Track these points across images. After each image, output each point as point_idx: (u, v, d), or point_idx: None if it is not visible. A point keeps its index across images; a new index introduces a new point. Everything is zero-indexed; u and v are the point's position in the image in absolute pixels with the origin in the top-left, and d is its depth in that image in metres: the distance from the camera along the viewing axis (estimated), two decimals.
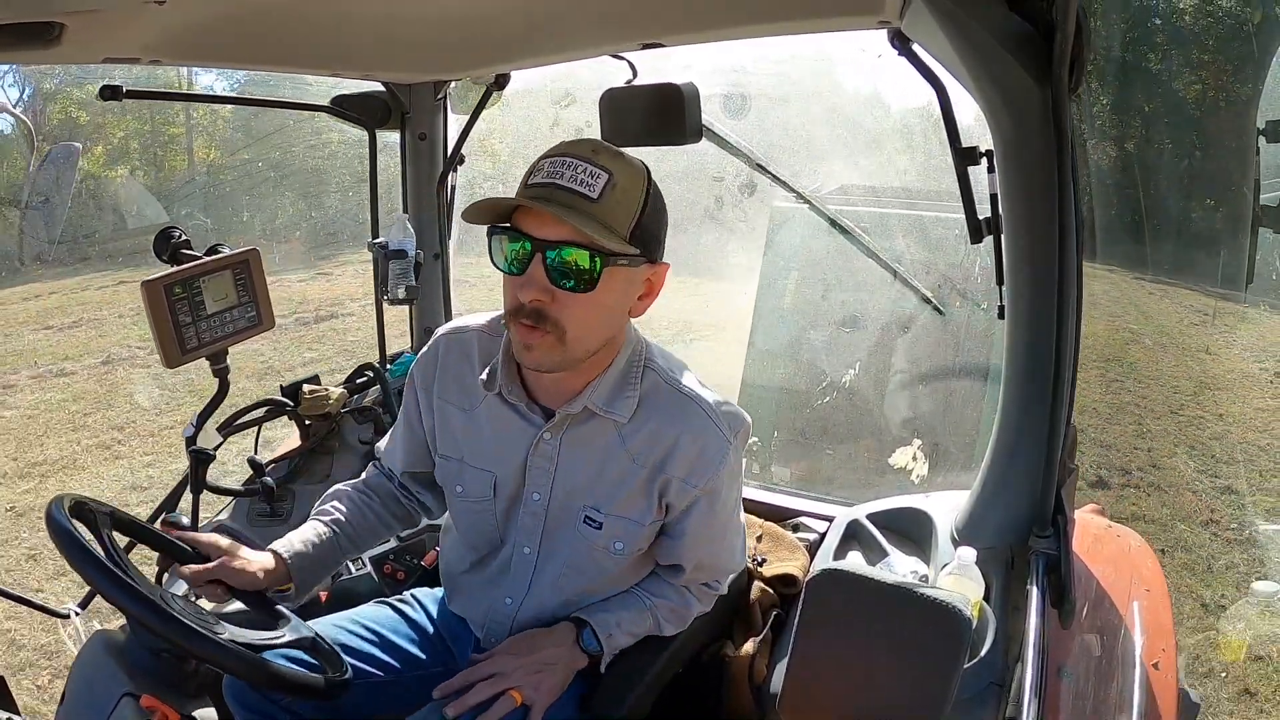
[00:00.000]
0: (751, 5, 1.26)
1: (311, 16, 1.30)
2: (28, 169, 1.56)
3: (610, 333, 1.08)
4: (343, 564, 1.32)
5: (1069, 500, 1.19)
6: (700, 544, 1.20)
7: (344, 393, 1.93)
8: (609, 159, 1.01)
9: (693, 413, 1.12)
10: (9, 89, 9.07)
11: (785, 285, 3.11)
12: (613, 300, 1.04)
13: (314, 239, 9.53)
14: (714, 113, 1.94)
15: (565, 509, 1.18)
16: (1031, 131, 1.04)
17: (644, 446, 1.13)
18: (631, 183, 1.01)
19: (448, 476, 1.25)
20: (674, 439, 1.12)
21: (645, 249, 1.04)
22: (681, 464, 1.12)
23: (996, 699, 1.16)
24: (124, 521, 1.11)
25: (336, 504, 1.31)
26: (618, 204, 0.99)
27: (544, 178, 0.99)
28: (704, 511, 1.16)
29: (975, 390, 2.74)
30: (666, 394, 1.13)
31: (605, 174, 0.99)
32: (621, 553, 1.18)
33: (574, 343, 1.03)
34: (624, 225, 1.00)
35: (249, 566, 1.16)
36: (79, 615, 1.73)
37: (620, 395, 1.12)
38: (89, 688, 1.00)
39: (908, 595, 1.04)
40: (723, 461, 1.13)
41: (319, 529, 1.27)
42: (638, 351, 1.15)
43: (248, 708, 1.20)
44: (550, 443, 1.15)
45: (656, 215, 1.05)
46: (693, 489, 1.13)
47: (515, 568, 1.24)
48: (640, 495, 1.15)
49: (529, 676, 1.13)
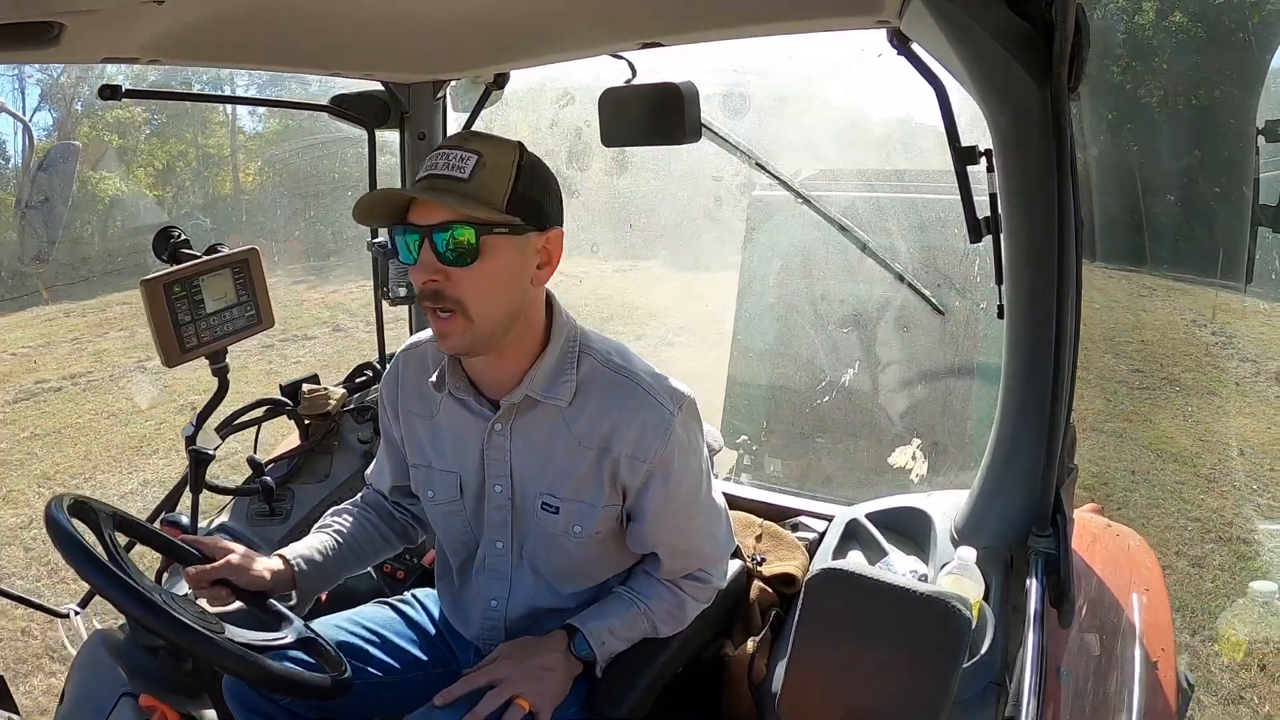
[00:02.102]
0: (751, 5, 1.26)
1: (311, 16, 1.30)
2: (26, 168, 1.57)
3: (513, 304, 1.10)
4: (344, 577, 1.34)
5: (1068, 500, 1.19)
6: (666, 525, 1.20)
7: (344, 392, 1.93)
8: (479, 142, 1.07)
9: (629, 390, 1.15)
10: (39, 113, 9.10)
11: (767, 279, 3.10)
12: (504, 270, 1.07)
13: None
14: (713, 112, 1.94)
15: (525, 497, 1.21)
16: (1031, 131, 1.04)
17: (587, 429, 1.16)
18: (501, 157, 1.06)
19: (419, 484, 1.29)
20: (615, 419, 1.14)
21: (527, 216, 1.07)
22: (626, 441, 1.14)
23: (996, 698, 1.16)
24: (127, 522, 1.12)
25: (340, 519, 1.35)
26: (489, 178, 1.05)
27: (424, 171, 1.07)
28: (660, 488, 1.17)
29: (975, 389, 2.74)
30: (603, 375, 1.16)
31: (474, 155, 1.05)
32: (581, 536, 1.19)
33: (479, 318, 1.07)
34: (497, 196, 1.05)
35: (254, 569, 1.18)
36: (79, 615, 1.72)
37: (558, 380, 1.16)
38: (89, 687, 1.00)
39: (907, 595, 1.04)
40: (668, 434, 1.14)
41: (325, 540, 1.30)
42: (572, 337, 1.18)
43: (247, 707, 1.20)
44: (501, 433, 1.19)
45: (535, 184, 1.09)
46: (642, 464, 1.15)
47: (492, 566, 1.26)
48: (590, 477, 1.17)
49: (532, 682, 1.14)
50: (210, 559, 1.17)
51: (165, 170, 11.21)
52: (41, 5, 0.94)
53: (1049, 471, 1.13)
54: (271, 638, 1.07)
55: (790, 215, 2.86)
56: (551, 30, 1.48)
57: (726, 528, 1.30)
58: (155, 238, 1.60)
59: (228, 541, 1.21)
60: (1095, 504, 1.70)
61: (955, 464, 2.71)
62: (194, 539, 1.20)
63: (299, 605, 1.23)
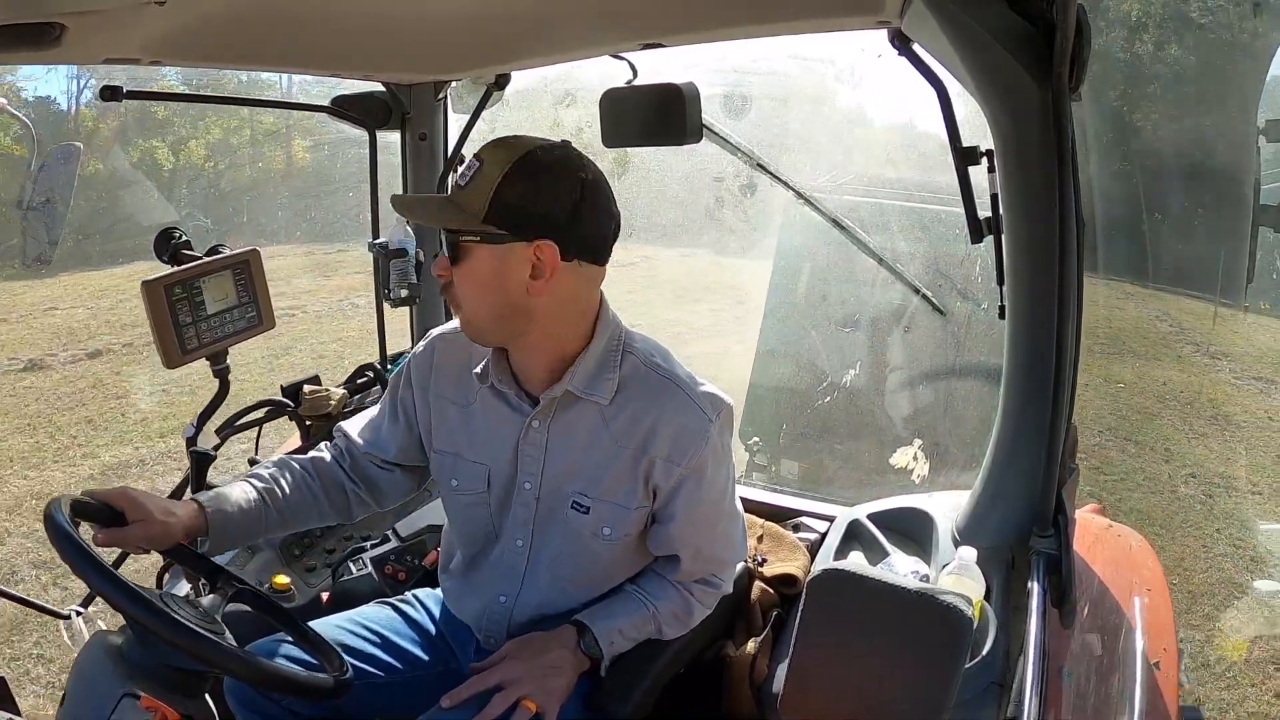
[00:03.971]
0: (751, 5, 1.26)
1: (312, 17, 1.30)
2: (28, 168, 1.56)
3: (500, 308, 1.10)
4: (260, 539, 1.31)
5: (1069, 500, 1.19)
6: (692, 529, 1.20)
7: (344, 393, 1.93)
8: (489, 149, 1.09)
9: (671, 393, 1.15)
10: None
11: (796, 284, 3.11)
12: (485, 275, 1.09)
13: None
14: (714, 113, 1.94)
15: (554, 495, 1.20)
16: (1031, 131, 1.04)
17: (626, 428, 1.15)
18: (493, 165, 1.07)
19: (443, 471, 1.27)
20: (654, 419, 1.14)
21: (510, 226, 1.06)
22: (663, 444, 1.14)
23: (997, 699, 1.16)
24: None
25: (279, 475, 1.27)
26: (476, 187, 1.07)
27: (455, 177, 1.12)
28: (691, 492, 1.17)
29: (976, 389, 2.74)
30: (645, 376, 1.16)
31: (477, 162, 1.08)
32: (610, 538, 1.19)
33: (469, 314, 1.13)
34: (477, 206, 1.06)
35: (164, 522, 1.12)
36: (79, 616, 1.72)
37: (600, 378, 1.15)
38: (89, 688, 1.00)
39: (908, 595, 1.04)
40: (705, 440, 1.14)
41: (251, 495, 1.23)
42: (616, 335, 1.18)
43: (248, 708, 1.20)
44: (539, 429, 1.18)
45: (525, 193, 1.06)
46: (677, 468, 1.15)
47: (508, 562, 1.25)
48: (626, 478, 1.16)
49: (538, 682, 1.13)
50: (122, 514, 1.11)
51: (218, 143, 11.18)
52: (42, 6, 0.94)
53: (1050, 471, 1.13)
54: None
55: (821, 222, 2.85)
56: (552, 31, 1.48)
57: (742, 535, 1.31)
58: (156, 238, 1.60)
59: (133, 493, 1.13)
60: (1096, 504, 1.70)
61: (956, 464, 2.71)
62: (101, 493, 1.12)
63: (208, 554, 1.19)
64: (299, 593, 1.58)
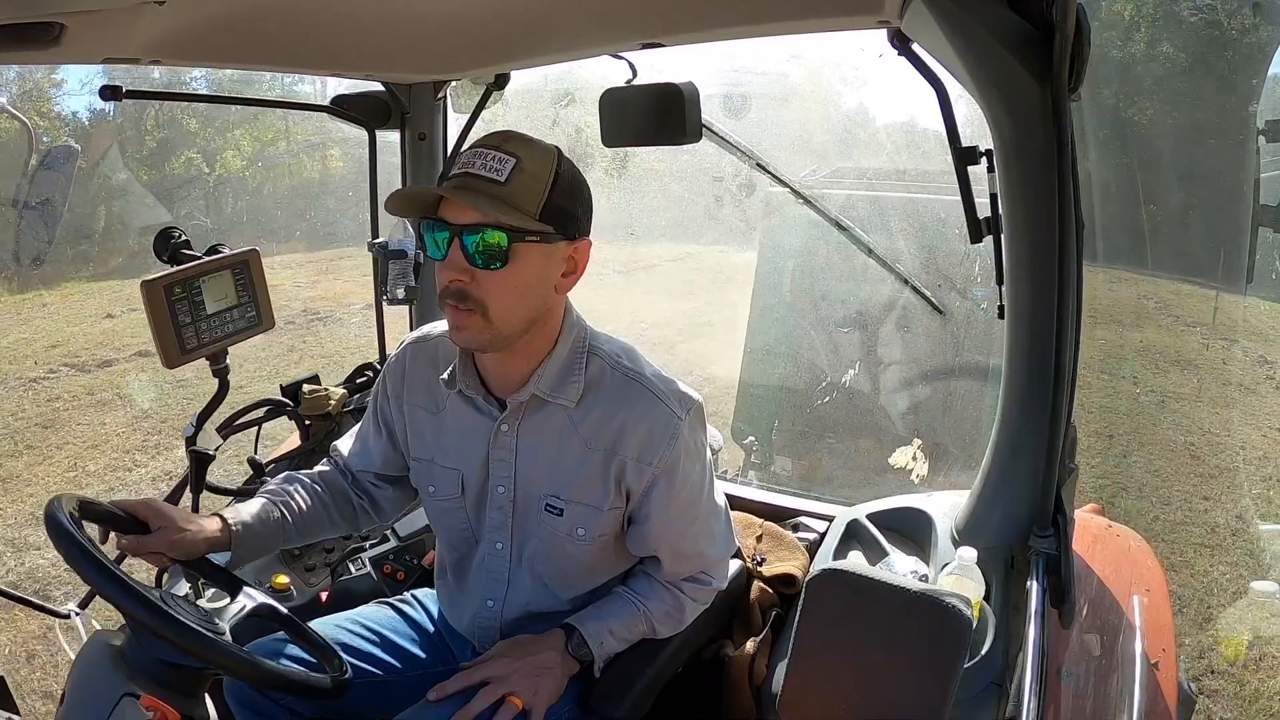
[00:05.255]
0: (751, 5, 1.26)
1: (311, 16, 1.30)
2: (26, 169, 1.56)
3: (536, 310, 1.10)
4: (279, 550, 1.32)
5: (1069, 500, 1.19)
6: (669, 529, 1.20)
7: (344, 393, 1.93)
8: (517, 145, 1.06)
9: (638, 393, 1.15)
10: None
11: (781, 280, 3.10)
12: (531, 276, 1.07)
13: None
14: (714, 112, 1.94)
15: (528, 499, 1.20)
16: (1031, 131, 1.04)
17: (595, 430, 1.15)
18: (539, 165, 1.05)
19: (420, 477, 1.28)
20: (623, 420, 1.14)
21: (559, 226, 1.07)
22: (633, 444, 1.14)
23: (996, 699, 1.16)
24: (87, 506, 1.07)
25: (292, 489, 1.30)
26: (525, 186, 1.04)
27: (459, 169, 1.06)
28: (664, 492, 1.17)
29: (975, 389, 2.74)
30: (612, 377, 1.16)
31: (513, 159, 1.04)
32: (585, 539, 1.19)
33: (498, 319, 1.07)
34: (532, 205, 1.04)
35: (190, 534, 1.13)
36: (79, 616, 1.72)
37: (566, 381, 1.15)
38: (89, 688, 1.00)
39: (908, 595, 1.04)
40: (674, 438, 1.14)
41: (270, 510, 1.25)
42: (580, 338, 1.17)
43: (248, 707, 1.20)
44: (507, 434, 1.18)
45: (569, 193, 1.08)
46: (648, 468, 1.15)
47: (491, 566, 1.25)
48: (597, 480, 1.16)
49: (526, 680, 1.13)
50: (146, 525, 1.12)
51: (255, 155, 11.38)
52: (42, 5, 0.94)
53: (1050, 471, 1.13)
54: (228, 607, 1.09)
55: (808, 214, 2.84)
56: (552, 30, 1.48)
57: (727, 530, 1.30)
58: (155, 239, 1.60)
59: (160, 505, 1.15)
60: (1096, 504, 1.70)
61: (956, 464, 2.71)
62: (128, 504, 1.13)
63: (230, 567, 1.20)
64: (299, 593, 1.59)
